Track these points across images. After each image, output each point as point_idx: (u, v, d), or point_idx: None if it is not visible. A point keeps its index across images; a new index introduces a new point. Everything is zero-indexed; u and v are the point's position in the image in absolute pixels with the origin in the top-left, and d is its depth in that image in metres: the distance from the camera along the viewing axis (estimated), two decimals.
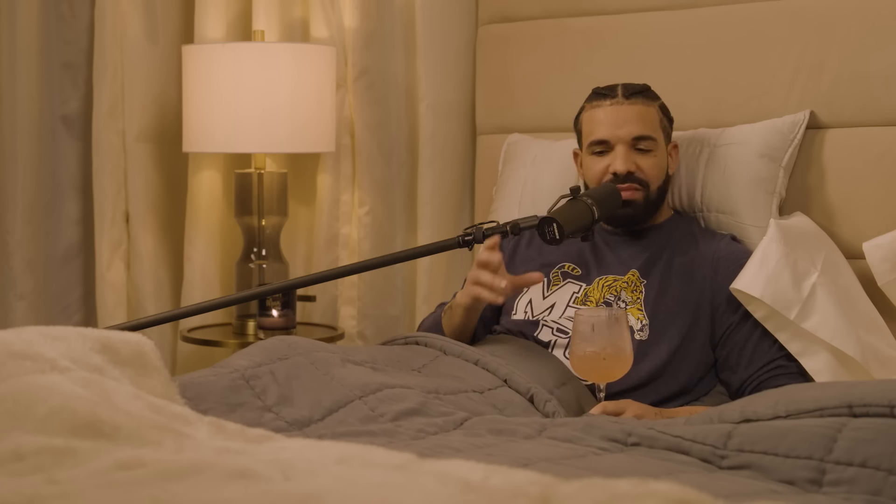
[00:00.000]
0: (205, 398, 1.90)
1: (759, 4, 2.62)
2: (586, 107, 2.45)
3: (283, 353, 2.07)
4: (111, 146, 3.17)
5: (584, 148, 2.43)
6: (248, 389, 1.96)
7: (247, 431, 1.52)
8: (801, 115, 2.50)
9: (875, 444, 1.57)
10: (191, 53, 3.01)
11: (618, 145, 2.38)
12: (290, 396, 1.96)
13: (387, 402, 1.94)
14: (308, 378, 2.00)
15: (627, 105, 2.39)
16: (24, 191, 3.21)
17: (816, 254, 2.33)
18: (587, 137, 2.42)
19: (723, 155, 2.51)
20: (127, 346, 1.74)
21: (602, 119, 2.39)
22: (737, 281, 2.27)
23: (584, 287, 2.38)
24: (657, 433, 1.74)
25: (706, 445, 1.68)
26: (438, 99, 3.07)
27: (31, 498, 1.19)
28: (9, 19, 3.18)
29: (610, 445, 1.76)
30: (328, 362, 2.05)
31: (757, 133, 2.51)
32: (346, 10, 3.13)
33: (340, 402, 1.95)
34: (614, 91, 2.41)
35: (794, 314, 2.22)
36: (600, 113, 2.40)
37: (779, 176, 2.48)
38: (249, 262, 3.07)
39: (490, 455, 1.67)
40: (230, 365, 2.04)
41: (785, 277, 2.25)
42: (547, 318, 2.36)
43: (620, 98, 2.40)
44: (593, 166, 2.40)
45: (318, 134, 3.00)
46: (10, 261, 3.21)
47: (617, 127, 2.38)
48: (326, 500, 1.17)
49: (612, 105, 2.40)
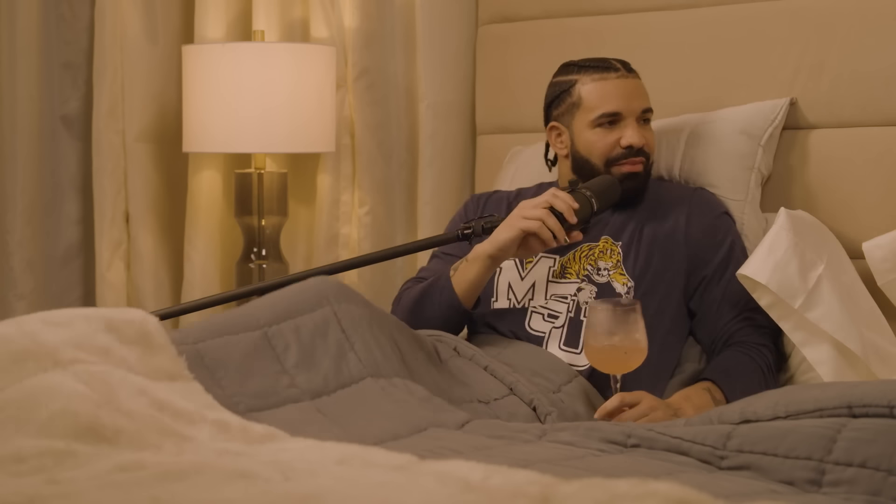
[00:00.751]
0: (219, 367, 1.88)
1: (759, 4, 2.62)
2: (583, 78, 2.40)
3: (312, 305, 2.05)
4: (111, 146, 3.17)
5: (587, 121, 2.38)
6: (268, 350, 1.95)
7: (249, 431, 1.52)
8: (784, 100, 2.52)
9: (875, 444, 1.57)
10: (191, 53, 3.01)
11: (629, 118, 2.36)
12: (310, 357, 1.96)
13: (394, 390, 1.94)
14: (330, 340, 1.99)
15: (632, 78, 2.39)
16: (24, 191, 3.21)
17: (823, 247, 2.33)
18: (593, 110, 2.37)
19: (704, 131, 2.53)
20: (131, 327, 1.73)
21: (612, 91, 2.37)
22: (744, 267, 2.26)
23: (558, 259, 2.35)
24: (657, 434, 1.74)
25: (706, 446, 1.68)
26: (438, 99, 3.07)
27: (31, 498, 1.20)
28: (9, 19, 3.18)
29: (609, 447, 1.76)
30: (354, 324, 2.03)
31: (739, 113, 2.54)
32: (346, 10, 3.13)
33: (354, 377, 1.95)
34: (613, 64, 2.39)
35: (799, 303, 2.22)
36: (608, 85, 2.37)
37: (757, 153, 2.49)
38: (249, 262, 3.07)
39: (490, 457, 1.67)
40: (255, 315, 2.01)
41: (792, 266, 2.24)
42: (534, 304, 2.33)
43: (624, 71, 2.39)
44: (602, 139, 2.37)
45: (318, 134, 3.00)
46: (10, 261, 3.21)
47: (629, 100, 2.37)
48: (326, 501, 1.17)
49: (619, 78, 2.38)
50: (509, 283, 2.37)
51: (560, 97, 2.43)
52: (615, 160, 2.37)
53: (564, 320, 2.30)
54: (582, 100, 2.39)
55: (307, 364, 1.95)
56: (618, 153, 2.36)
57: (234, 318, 2.01)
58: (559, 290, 2.33)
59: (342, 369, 1.96)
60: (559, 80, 2.45)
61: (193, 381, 1.70)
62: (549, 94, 2.47)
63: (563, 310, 2.31)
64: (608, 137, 2.36)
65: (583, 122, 2.39)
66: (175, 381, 1.69)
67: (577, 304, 2.30)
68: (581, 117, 2.39)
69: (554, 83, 2.46)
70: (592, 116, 2.37)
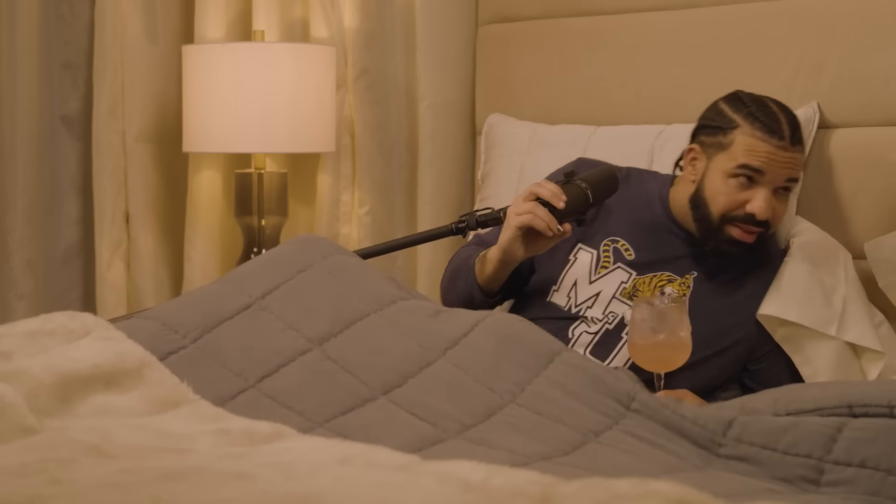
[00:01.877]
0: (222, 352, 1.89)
1: (759, 4, 2.62)
2: (745, 127, 2.22)
3: (303, 264, 2.06)
4: (111, 146, 3.17)
5: (726, 167, 2.21)
6: (266, 315, 1.96)
7: (254, 433, 1.52)
8: (812, 109, 2.49)
9: (874, 444, 1.57)
10: (191, 53, 3.01)
11: (765, 186, 2.20)
12: (309, 309, 1.96)
13: (401, 314, 1.95)
14: (327, 289, 2.00)
15: (792, 152, 2.22)
16: (24, 191, 3.21)
17: (837, 267, 2.33)
18: (737, 158, 2.20)
19: None
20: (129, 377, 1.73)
21: (765, 156, 2.19)
22: (765, 306, 2.23)
23: (633, 277, 2.27)
24: (660, 406, 1.73)
25: (706, 430, 1.68)
26: (438, 99, 3.07)
27: (31, 498, 1.20)
28: (9, 19, 3.18)
29: (609, 408, 1.75)
30: (346, 268, 2.05)
31: None
32: (346, 10, 3.13)
33: (358, 315, 1.95)
34: (782, 129, 2.21)
35: (834, 330, 2.22)
36: (765, 147, 2.19)
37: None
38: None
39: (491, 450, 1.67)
40: (245, 290, 2.01)
41: (816, 297, 2.24)
42: (588, 313, 2.27)
43: (788, 143, 2.21)
44: (731, 192, 2.20)
45: (318, 134, 3.00)
46: (10, 261, 3.21)
47: (777, 172, 2.20)
48: (326, 501, 1.17)
49: (779, 147, 2.20)
50: (576, 280, 2.30)
51: (715, 129, 2.27)
52: (732, 219, 2.22)
53: (599, 328, 2.26)
54: (733, 146, 2.22)
55: (308, 316, 1.96)
56: (738, 214, 2.21)
57: (225, 298, 2.01)
58: (618, 309, 2.26)
59: (344, 310, 1.96)
60: (725, 112, 2.27)
61: (200, 400, 1.70)
62: (709, 117, 2.30)
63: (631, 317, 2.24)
64: (739, 195, 2.21)
65: (721, 165, 2.23)
66: (180, 407, 1.68)
67: (617, 316, 2.26)
68: (722, 160, 2.23)
69: (719, 111, 2.28)
70: (732, 165, 2.21)
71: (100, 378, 1.70)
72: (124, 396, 1.68)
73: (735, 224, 2.22)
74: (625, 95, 2.77)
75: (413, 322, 1.94)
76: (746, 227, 2.22)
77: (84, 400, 1.65)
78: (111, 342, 1.79)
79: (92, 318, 1.88)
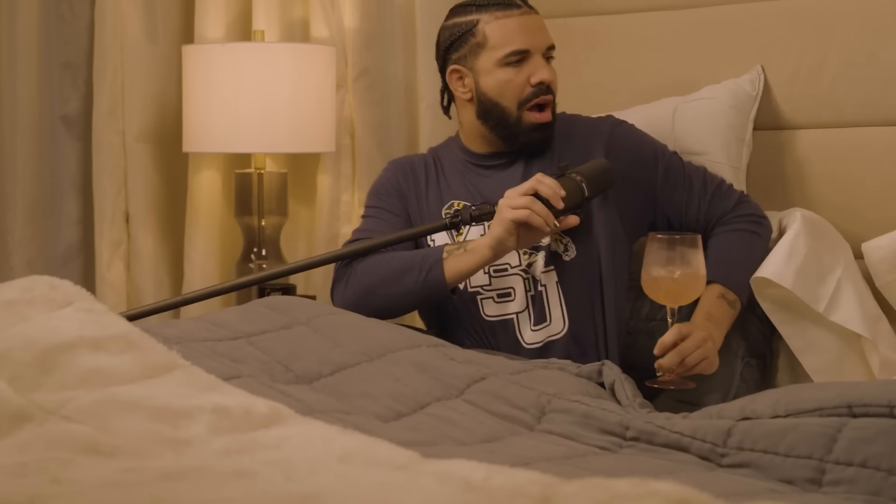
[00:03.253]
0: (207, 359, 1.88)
1: (759, 4, 2.62)
2: (485, 17, 2.31)
3: (286, 323, 2.07)
4: (111, 146, 3.17)
5: (493, 60, 2.30)
6: (253, 349, 1.96)
7: (252, 413, 1.50)
8: (756, 69, 2.56)
9: (875, 444, 1.57)
10: (191, 53, 3.01)
11: (536, 55, 2.30)
12: (297, 352, 1.96)
13: (392, 364, 1.95)
14: (314, 342, 2.00)
15: (535, 15, 2.34)
16: (24, 191, 3.21)
17: (838, 250, 2.34)
18: (500, 48, 2.29)
19: (692, 108, 2.54)
20: (115, 343, 1.71)
21: (518, 28, 2.30)
22: (763, 268, 2.26)
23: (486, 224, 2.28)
24: (656, 428, 1.74)
25: (706, 443, 1.68)
26: (438, 99, 3.06)
27: (32, 498, 1.20)
28: (9, 19, 3.18)
29: (607, 441, 1.76)
30: (332, 325, 2.05)
31: (722, 91, 2.55)
32: (346, 10, 3.13)
33: (348, 362, 1.95)
34: (513, 0, 2.32)
35: (823, 307, 2.23)
36: (513, 22, 2.31)
37: (748, 128, 2.53)
38: (249, 262, 3.07)
39: (493, 453, 1.67)
40: (232, 328, 2.02)
41: (812, 271, 2.25)
42: (475, 285, 2.28)
43: (526, 8, 2.33)
44: (512, 79, 2.30)
45: (318, 134, 3.00)
46: (10, 261, 3.21)
47: (535, 36, 2.31)
48: (326, 500, 1.17)
49: (522, 15, 2.32)
50: None
51: (461, 38, 2.34)
52: (526, 101, 2.30)
53: (526, 300, 2.27)
54: (487, 39, 2.31)
55: (296, 357, 1.96)
56: (528, 92, 2.30)
57: (210, 329, 2.01)
58: (497, 263, 2.27)
59: (333, 358, 1.97)
60: (458, 21, 2.36)
61: (192, 366, 1.68)
62: (446, 37, 2.38)
63: (518, 288, 2.27)
64: (518, 77, 2.30)
65: (489, 61, 2.32)
66: (173, 371, 1.65)
67: (532, 279, 2.27)
68: (486, 57, 2.32)
69: (451, 24, 2.37)
70: (500, 55, 2.30)
71: (85, 343, 1.67)
72: (115, 358, 1.65)
73: (530, 108, 2.31)
74: (625, 95, 2.76)
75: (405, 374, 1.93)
76: (540, 101, 2.30)
77: (72, 363, 1.63)
78: (93, 314, 1.76)
79: (73, 287, 1.84)
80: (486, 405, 1.87)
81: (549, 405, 1.85)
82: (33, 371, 1.62)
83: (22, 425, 1.50)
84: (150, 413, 1.52)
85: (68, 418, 1.52)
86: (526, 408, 1.86)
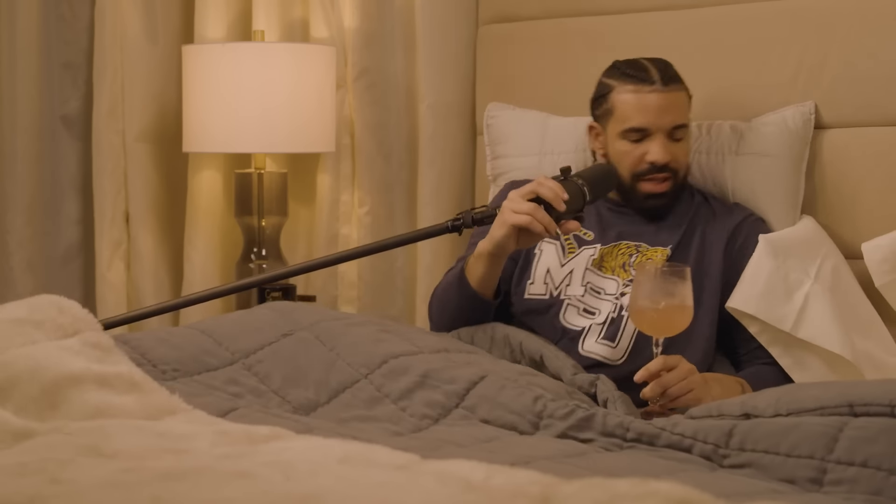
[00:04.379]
0: (206, 392, 1.90)
1: (760, 4, 2.62)
2: (618, 87, 2.36)
3: (288, 329, 2.07)
4: (111, 146, 3.17)
5: (616, 131, 2.35)
6: (251, 376, 1.97)
7: (252, 435, 1.51)
8: (809, 105, 2.49)
9: (876, 443, 1.57)
10: (191, 53, 3.01)
11: (657, 134, 2.33)
12: (294, 377, 1.97)
13: (391, 378, 1.95)
14: (313, 355, 2.00)
15: (667, 93, 2.34)
16: (24, 191, 3.21)
17: (810, 262, 2.33)
18: (622, 122, 2.34)
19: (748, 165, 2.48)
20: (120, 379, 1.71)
21: (643, 106, 2.33)
22: (731, 299, 2.28)
23: (599, 248, 2.35)
24: (657, 430, 1.74)
25: (707, 444, 1.68)
26: (438, 99, 3.07)
27: (32, 498, 1.20)
28: (9, 19, 3.18)
29: (608, 443, 1.76)
30: (333, 333, 2.05)
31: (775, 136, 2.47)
32: (346, 10, 3.13)
33: (346, 382, 1.96)
34: (651, 75, 2.34)
35: (790, 326, 2.24)
36: (641, 99, 2.33)
37: (800, 183, 2.48)
38: (249, 262, 3.07)
39: (492, 452, 1.67)
40: (230, 347, 2.03)
41: (777, 291, 2.26)
42: (569, 294, 2.32)
43: (660, 85, 2.34)
44: (629, 153, 2.34)
45: (318, 134, 3.00)
46: (10, 261, 3.21)
47: (658, 117, 2.33)
48: (326, 500, 1.17)
49: (652, 92, 2.33)
50: (548, 268, 2.36)
51: (599, 100, 2.41)
52: (641, 175, 2.35)
53: (605, 318, 2.29)
54: (615, 109, 2.36)
55: (293, 383, 1.96)
56: (643, 168, 2.33)
57: (205, 349, 2.01)
58: (597, 282, 2.32)
59: (332, 379, 1.97)
60: (602, 82, 2.41)
61: (195, 410, 1.70)
62: (595, 93, 2.43)
63: (605, 308, 2.30)
64: (636, 151, 2.33)
65: (614, 131, 2.37)
66: (177, 415, 1.68)
67: (620, 306, 2.29)
68: (613, 126, 2.37)
69: (599, 83, 2.42)
70: (621, 128, 2.34)
71: (93, 378, 1.68)
72: (120, 397, 1.67)
73: (644, 179, 2.35)
74: None
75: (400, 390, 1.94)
76: (653, 177, 2.34)
77: (79, 398, 1.64)
78: (99, 351, 1.77)
79: (80, 311, 1.85)
80: (485, 414, 1.87)
81: (546, 409, 1.85)
82: (39, 406, 1.63)
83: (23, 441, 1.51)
84: (153, 434, 1.53)
85: (70, 434, 1.52)
86: (523, 413, 1.86)
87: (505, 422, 1.85)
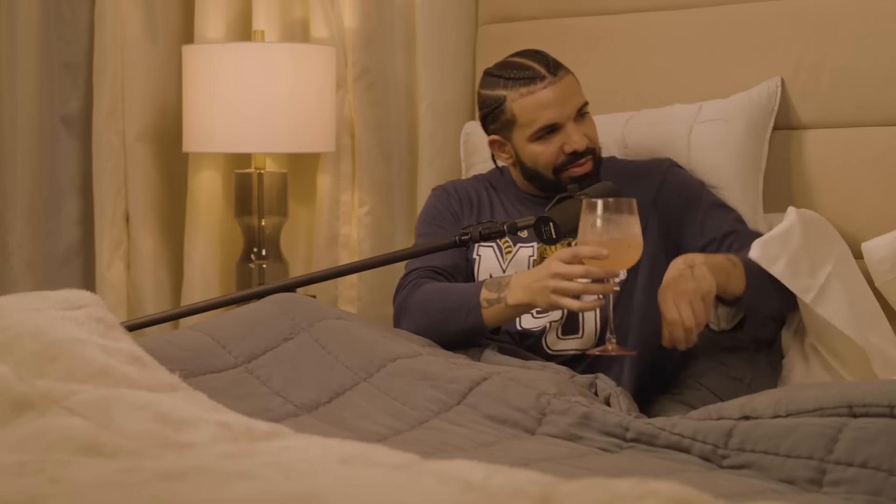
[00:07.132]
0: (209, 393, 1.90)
1: (759, 4, 2.62)
2: (510, 94, 2.31)
3: (288, 332, 2.07)
4: (111, 146, 3.17)
5: (525, 137, 2.32)
6: (253, 380, 1.97)
7: (253, 430, 1.52)
8: (775, 81, 2.52)
9: (875, 444, 1.57)
10: (191, 53, 3.01)
11: (567, 123, 2.30)
12: (296, 378, 1.98)
13: (391, 380, 1.95)
14: (314, 359, 2.01)
15: (559, 80, 2.31)
16: (24, 191, 3.21)
17: (832, 247, 2.33)
18: (529, 126, 2.30)
19: (706, 133, 2.50)
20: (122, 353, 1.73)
21: (544, 104, 2.30)
22: (753, 249, 2.23)
23: (536, 247, 2.33)
24: (657, 430, 1.74)
25: (707, 444, 1.68)
26: (438, 99, 3.07)
27: (32, 497, 1.20)
28: (9, 19, 3.19)
29: (607, 443, 1.76)
30: (334, 335, 2.05)
31: (737, 108, 2.51)
32: (346, 10, 3.13)
33: (346, 385, 1.96)
34: (538, 71, 2.31)
35: (811, 298, 2.22)
36: (539, 98, 2.30)
37: (763, 152, 2.51)
38: (249, 262, 3.07)
39: (492, 454, 1.68)
40: (230, 350, 2.03)
41: (804, 262, 2.24)
42: None
43: (550, 77, 2.31)
44: (544, 151, 2.31)
45: (318, 134, 3.00)
46: (10, 261, 3.21)
47: (562, 107, 2.30)
48: (327, 500, 1.17)
49: (547, 87, 2.30)
50: (490, 274, 2.35)
51: (493, 113, 2.36)
52: (562, 167, 2.32)
53: (561, 314, 2.28)
54: (517, 117, 2.32)
55: (295, 384, 1.97)
56: (563, 160, 2.31)
57: (208, 352, 2.01)
58: None
59: (332, 381, 1.97)
60: (488, 95, 2.37)
61: (195, 391, 1.71)
62: (481, 108, 2.39)
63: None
64: (551, 147, 2.31)
65: (521, 138, 2.33)
66: (177, 391, 1.70)
67: None
68: (518, 133, 2.34)
69: (484, 97, 2.38)
70: (530, 132, 2.31)
71: (95, 343, 1.70)
72: (124, 367, 1.68)
73: (566, 168, 2.32)
74: (624, 95, 2.76)
75: (404, 389, 1.94)
76: (576, 163, 2.31)
77: (80, 354, 1.65)
78: (103, 325, 1.79)
79: (88, 294, 1.89)
80: (487, 409, 1.87)
81: (549, 406, 1.85)
82: (39, 359, 1.64)
83: (23, 413, 1.51)
84: (154, 415, 1.53)
85: (71, 410, 1.52)
86: (526, 409, 1.86)
87: (507, 418, 1.85)
